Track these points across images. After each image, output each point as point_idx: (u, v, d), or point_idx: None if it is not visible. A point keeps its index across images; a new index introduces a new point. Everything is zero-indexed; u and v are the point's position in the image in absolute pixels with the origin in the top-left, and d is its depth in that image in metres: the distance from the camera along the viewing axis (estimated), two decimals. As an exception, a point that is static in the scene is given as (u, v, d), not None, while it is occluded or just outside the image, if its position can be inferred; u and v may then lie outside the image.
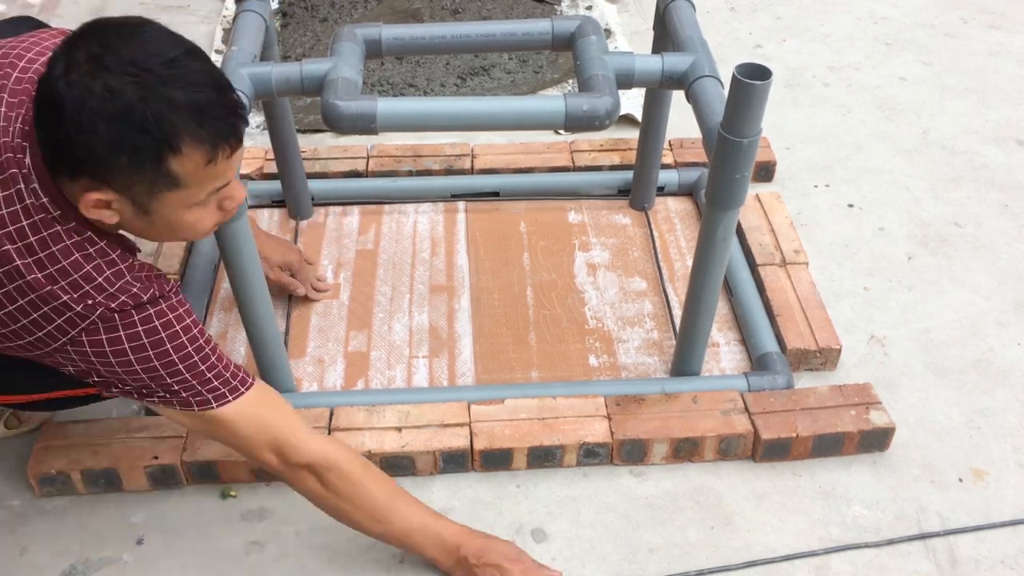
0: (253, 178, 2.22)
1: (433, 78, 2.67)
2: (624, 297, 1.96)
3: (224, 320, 1.90)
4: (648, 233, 2.11)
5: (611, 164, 2.26)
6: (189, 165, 1.10)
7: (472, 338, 1.87)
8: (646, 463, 1.65)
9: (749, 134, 1.35)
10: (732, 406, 1.66)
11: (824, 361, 1.80)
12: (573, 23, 1.65)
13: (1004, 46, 2.85)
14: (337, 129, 1.46)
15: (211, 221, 1.21)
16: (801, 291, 1.89)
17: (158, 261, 1.95)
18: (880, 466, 1.65)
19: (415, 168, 2.24)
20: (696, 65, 1.52)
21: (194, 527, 1.55)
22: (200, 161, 1.10)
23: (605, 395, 1.68)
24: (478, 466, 1.63)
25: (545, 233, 2.12)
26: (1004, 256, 2.09)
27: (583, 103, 1.43)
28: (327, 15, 2.98)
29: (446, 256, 2.06)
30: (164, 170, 1.09)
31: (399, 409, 1.65)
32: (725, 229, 1.49)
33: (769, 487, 1.62)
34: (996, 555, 1.51)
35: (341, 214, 2.17)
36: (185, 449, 1.59)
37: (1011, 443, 1.69)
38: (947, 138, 2.46)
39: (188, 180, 1.11)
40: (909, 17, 3.00)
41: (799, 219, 2.18)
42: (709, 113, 1.44)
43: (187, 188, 1.12)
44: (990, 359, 1.85)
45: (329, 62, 1.53)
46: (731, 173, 1.40)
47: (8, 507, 1.58)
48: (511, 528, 1.55)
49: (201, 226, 1.20)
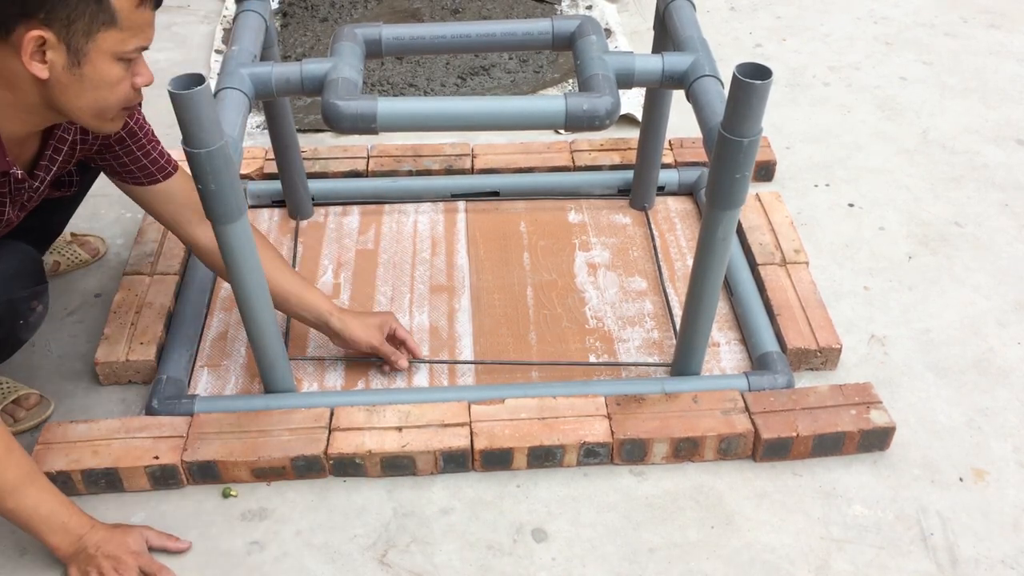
0: (253, 178, 2.22)
1: (433, 78, 2.67)
2: (624, 297, 1.96)
3: (224, 320, 1.90)
4: (648, 233, 2.11)
5: (611, 164, 2.26)
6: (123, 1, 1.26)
7: (472, 338, 1.87)
8: (646, 463, 1.65)
9: (749, 134, 1.35)
10: (732, 406, 1.66)
11: (824, 361, 1.80)
12: (573, 23, 1.65)
13: (1004, 46, 2.85)
14: (337, 129, 1.46)
15: (124, 92, 1.36)
16: (801, 291, 1.89)
17: (159, 262, 1.95)
18: (880, 466, 1.65)
19: (415, 168, 2.24)
20: (696, 65, 1.52)
21: (194, 527, 1.55)
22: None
23: (605, 395, 1.68)
24: (478, 466, 1.63)
25: (545, 233, 2.12)
26: (1004, 256, 2.09)
27: (583, 103, 1.43)
28: (327, 15, 2.98)
29: (446, 256, 2.06)
30: (104, 2, 1.25)
31: (399, 409, 1.65)
32: (725, 229, 1.49)
33: (769, 487, 1.62)
34: (996, 555, 1.51)
35: (341, 214, 2.17)
36: (185, 449, 1.59)
37: (1011, 443, 1.69)
38: (947, 138, 2.46)
39: (123, 18, 1.27)
40: (909, 17, 3.00)
41: (799, 219, 2.18)
42: (709, 113, 1.44)
43: (120, 30, 1.28)
44: (990, 359, 1.85)
45: (329, 62, 1.53)
46: (731, 173, 1.40)
47: (8, 507, 1.58)
48: (511, 528, 1.55)
49: (119, 91, 1.34)
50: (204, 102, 1.27)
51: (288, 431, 1.61)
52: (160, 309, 1.85)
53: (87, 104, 1.34)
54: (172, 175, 1.65)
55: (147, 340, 1.79)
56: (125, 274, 1.93)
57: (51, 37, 1.24)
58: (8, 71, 1.29)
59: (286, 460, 1.59)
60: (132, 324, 1.81)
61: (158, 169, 1.62)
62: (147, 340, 1.79)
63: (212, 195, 1.37)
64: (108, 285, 1.99)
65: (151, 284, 1.91)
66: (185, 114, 1.27)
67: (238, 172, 1.39)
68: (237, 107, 1.45)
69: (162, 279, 1.92)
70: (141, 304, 1.86)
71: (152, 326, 1.82)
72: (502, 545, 1.53)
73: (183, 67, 2.70)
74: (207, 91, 1.27)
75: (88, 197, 1.82)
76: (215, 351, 1.83)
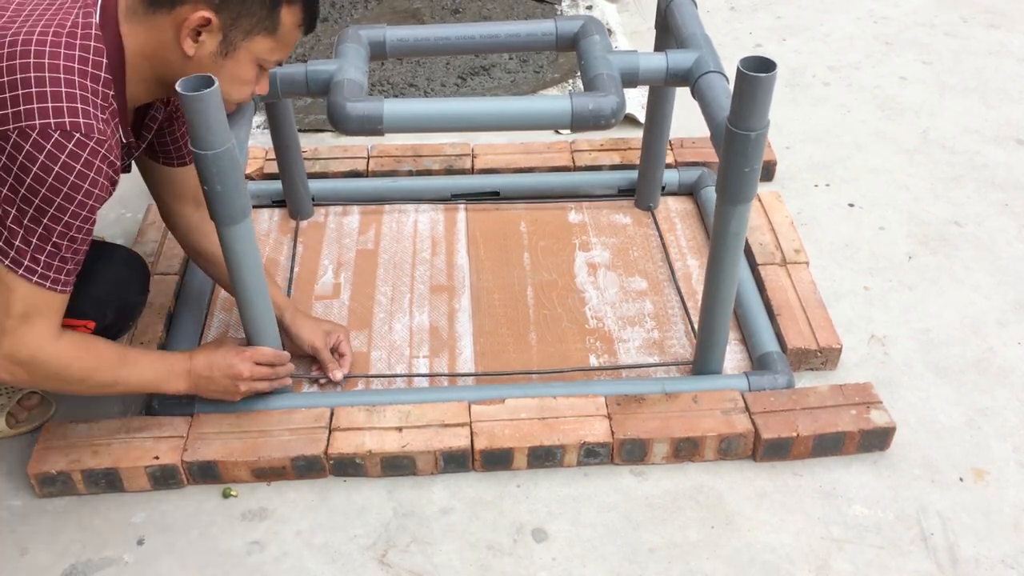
0: (253, 178, 2.23)
1: (434, 78, 2.67)
2: (624, 297, 1.96)
3: (224, 320, 1.90)
4: (648, 233, 2.11)
5: (611, 164, 2.26)
6: (290, 18, 1.34)
7: (472, 338, 1.87)
8: (646, 463, 1.65)
9: (757, 127, 1.35)
10: (732, 406, 1.66)
11: (824, 361, 1.80)
12: (576, 23, 1.65)
13: (1004, 45, 2.85)
14: (343, 130, 1.46)
15: (246, 92, 1.41)
16: (801, 291, 1.89)
17: (159, 262, 1.95)
18: (881, 466, 1.65)
19: (415, 168, 2.24)
20: (701, 61, 1.52)
21: (195, 527, 1.55)
22: (297, 19, 1.35)
23: (605, 395, 1.68)
24: (479, 466, 1.63)
25: (545, 233, 2.12)
26: (1004, 255, 2.09)
27: (589, 102, 1.43)
28: (327, 15, 2.98)
29: (446, 256, 2.06)
30: (275, 13, 1.32)
31: (399, 409, 1.65)
32: (738, 223, 1.49)
33: (770, 487, 1.62)
34: (996, 555, 1.51)
35: (341, 214, 2.17)
36: (186, 449, 1.59)
37: (1011, 442, 1.69)
38: (947, 137, 2.46)
39: (281, 32, 1.34)
40: (909, 17, 3.01)
41: (799, 219, 2.18)
42: (716, 108, 1.44)
43: (275, 40, 1.35)
44: (990, 358, 1.85)
45: (334, 63, 1.53)
46: (741, 167, 1.40)
47: (9, 507, 1.58)
48: (512, 528, 1.55)
49: (243, 91, 1.40)
50: (213, 104, 1.28)
51: (288, 431, 1.61)
52: (160, 309, 1.85)
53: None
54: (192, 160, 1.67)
55: (147, 340, 1.79)
56: (125, 274, 1.93)
57: (215, 22, 1.29)
58: (156, 40, 1.31)
59: (286, 460, 1.59)
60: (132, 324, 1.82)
61: (188, 152, 1.64)
62: (147, 340, 1.79)
63: (218, 196, 1.37)
64: (108, 285, 1.98)
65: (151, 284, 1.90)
66: (194, 116, 1.28)
67: (243, 174, 1.39)
68: (243, 109, 1.45)
69: (162, 279, 1.92)
70: (141, 304, 1.86)
71: (152, 326, 1.82)
72: (502, 545, 1.53)
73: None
74: (217, 93, 1.27)
75: (88, 197, 1.82)
76: (215, 351, 1.83)
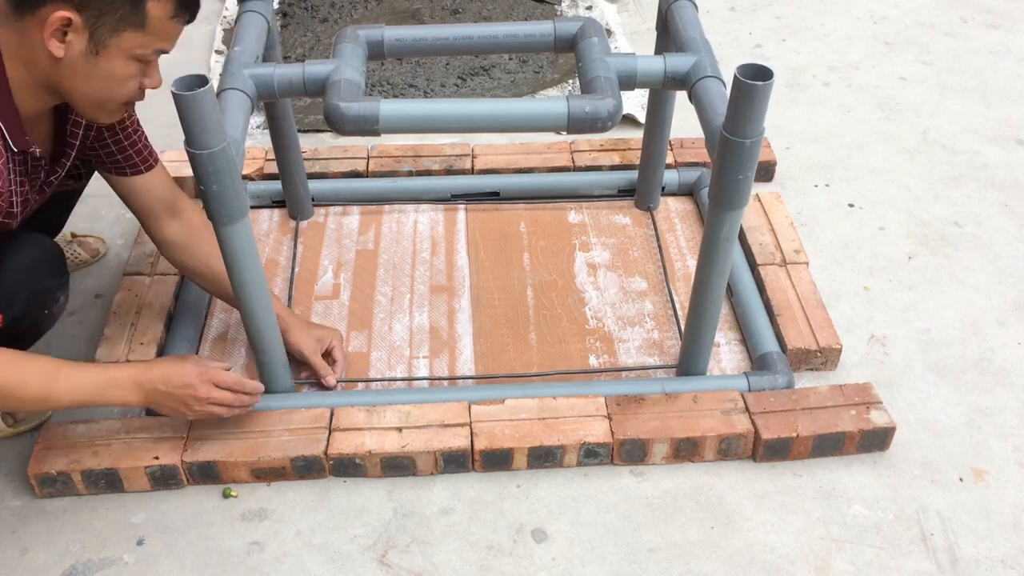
0: (253, 178, 2.22)
1: (433, 78, 2.67)
2: (624, 297, 1.96)
3: (224, 321, 1.90)
4: (648, 233, 2.11)
5: (611, 164, 2.26)
6: (159, 10, 1.31)
7: (472, 338, 1.87)
8: (646, 463, 1.65)
9: (751, 135, 1.35)
10: (732, 406, 1.66)
11: (824, 361, 1.80)
12: (575, 25, 1.65)
13: (1004, 45, 2.85)
14: (340, 130, 1.46)
15: (131, 90, 1.38)
16: (801, 291, 1.89)
17: (159, 262, 1.95)
18: (880, 466, 1.65)
19: (415, 168, 2.24)
20: (698, 66, 1.52)
21: (194, 527, 1.55)
22: (167, 11, 1.32)
23: (605, 395, 1.68)
24: (478, 466, 1.63)
25: (545, 233, 2.12)
26: (1004, 255, 2.09)
27: (585, 105, 1.43)
28: (327, 15, 2.98)
29: (446, 256, 2.06)
30: (140, 7, 1.29)
31: (399, 409, 1.65)
32: (729, 229, 1.49)
33: (769, 487, 1.62)
34: (996, 555, 1.51)
35: (341, 214, 2.17)
36: (186, 449, 1.59)
37: (1011, 443, 1.69)
38: (947, 137, 2.46)
39: (152, 25, 1.31)
40: (909, 17, 3.00)
41: (799, 219, 2.18)
42: (712, 114, 1.44)
43: (146, 34, 1.32)
44: (990, 358, 1.85)
45: (332, 63, 1.53)
46: (734, 174, 1.40)
47: (9, 507, 1.58)
48: (511, 528, 1.55)
49: (127, 87, 1.37)
50: (207, 103, 1.28)
51: (288, 431, 1.61)
52: (160, 309, 1.85)
53: (92, 92, 1.36)
54: (154, 167, 1.66)
55: (147, 340, 1.79)
56: (125, 274, 1.93)
57: (78, 21, 1.27)
58: (27, 45, 1.31)
59: (286, 460, 1.59)
60: (132, 324, 1.82)
61: (141, 160, 1.63)
62: (147, 340, 1.79)
63: (214, 196, 1.37)
64: (108, 286, 1.99)
65: (151, 285, 1.91)
66: (188, 115, 1.28)
67: (240, 174, 1.39)
68: (239, 108, 1.45)
69: (162, 279, 1.92)
70: (141, 304, 1.86)
71: (152, 326, 1.82)
72: (502, 545, 1.53)
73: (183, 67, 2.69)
74: (210, 92, 1.27)
75: (88, 198, 1.82)
76: (215, 352, 1.83)
